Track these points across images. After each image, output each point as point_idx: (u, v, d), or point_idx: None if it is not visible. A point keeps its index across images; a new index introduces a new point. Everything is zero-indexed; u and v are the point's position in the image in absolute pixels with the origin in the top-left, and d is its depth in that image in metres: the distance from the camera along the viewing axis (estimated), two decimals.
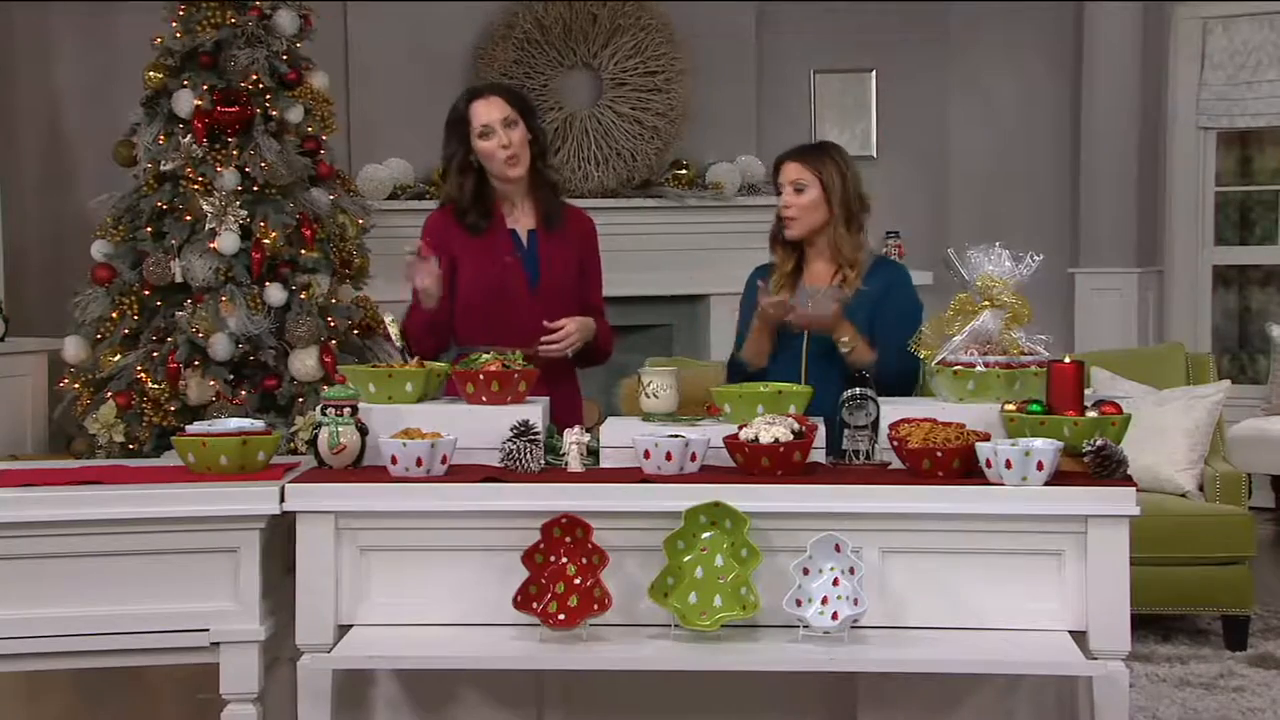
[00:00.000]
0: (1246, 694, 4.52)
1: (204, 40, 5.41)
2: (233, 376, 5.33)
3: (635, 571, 3.05)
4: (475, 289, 3.74)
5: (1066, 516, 2.97)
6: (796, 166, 3.80)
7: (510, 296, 3.74)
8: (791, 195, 3.79)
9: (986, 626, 3.01)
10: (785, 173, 3.82)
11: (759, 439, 3.07)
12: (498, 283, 3.74)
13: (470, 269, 3.75)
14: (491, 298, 3.74)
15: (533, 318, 3.70)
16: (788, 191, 3.80)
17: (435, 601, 3.11)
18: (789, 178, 3.81)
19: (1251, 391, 7.52)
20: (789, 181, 3.81)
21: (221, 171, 5.33)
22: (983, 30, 7.78)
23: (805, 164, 3.80)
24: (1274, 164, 7.86)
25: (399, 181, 6.87)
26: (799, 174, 3.79)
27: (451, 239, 3.77)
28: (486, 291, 3.74)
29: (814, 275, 3.80)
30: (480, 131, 3.71)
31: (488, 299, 3.74)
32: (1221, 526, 5.09)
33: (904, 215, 7.68)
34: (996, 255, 3.41)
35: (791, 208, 3.79)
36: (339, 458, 3.18)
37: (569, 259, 3.82)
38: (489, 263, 3.75)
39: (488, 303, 3.74)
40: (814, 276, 3.80)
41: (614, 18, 7.13)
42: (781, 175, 3.84)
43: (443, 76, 7.08)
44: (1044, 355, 3.29)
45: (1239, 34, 7.66)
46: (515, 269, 3.76)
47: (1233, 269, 8.03)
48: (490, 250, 3.76)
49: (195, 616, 3.09)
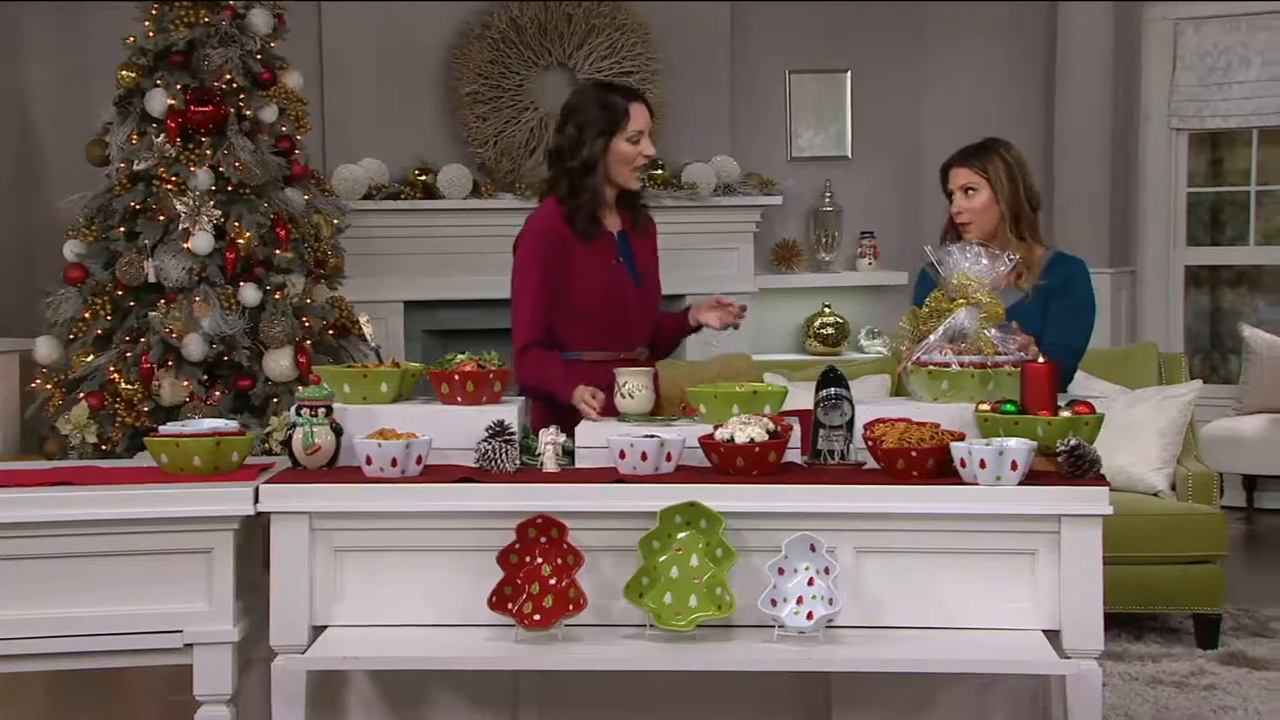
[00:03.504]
0: (1218, 692, 4.54)
1: (177, 39, 5.38)
2: (206, 377, 5.31)
3: (610, 572, 3.05)
4: (592, 296, 3.68)
5: (1040, 516, 2.98)
6: (964, 171, 3.80)
7: (622, 300, 3.71)
8: (963, 200, 3.79)
9: (961, 626, 3.03)
10: (954, 178, 3.82)
11: (734, 439, 3.08)
12: (612, 288, 3.70)
13: (584, 275, 3.66)
14: (607, 303, 3.69)
15: (635, 319, 3.73)
16: (959, 196, 3.80)
17: (410, 602, 3.10)
18: (958, 183, 3.80)
19: (1223, 391, 7.57)
20: (959, 186, 3.80)
21: (195, 171, 5.31)
22: (956, 30, 7.80)
23: (972, 167, 3.79)
24: (1244, 165, 7.91)
25: (374, 181, 6.86)
26: (968, 178, 3.79)
27: (561, 243, 3.67)
28: (603, 298, 3.69)
29: None
30: (633, 135, 3.67)
31: (604, 305, 3.69)
32: (1193, 526, 5.12)
33: (879, 215, 7.71)
34: (972, 253, 3.42)
35: (964, 212, 3.78)
36: (313, 458, 3.17)
37: (651, 258, 3.83)
38: (601, 268, 3.69)
39: (603, 308, 3.69)
40: None
41: (589, 18, 7.13)
42: (950, 181, 3.83)
43: (417, 76, 7.08)
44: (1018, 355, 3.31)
45: (1209, 35, 7.71)
46: (623, 272, 3.73)
47: (1205, 269, 8.08)
48: (599, 255, 3.70)
49: (168, 618, 3.08)
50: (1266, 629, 5.25)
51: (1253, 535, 7.15)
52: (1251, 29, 7.63)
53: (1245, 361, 7.47)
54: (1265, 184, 7.89)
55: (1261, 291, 8.17)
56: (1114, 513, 2.99)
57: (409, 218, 6.91)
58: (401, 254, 6.85)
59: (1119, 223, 7.72)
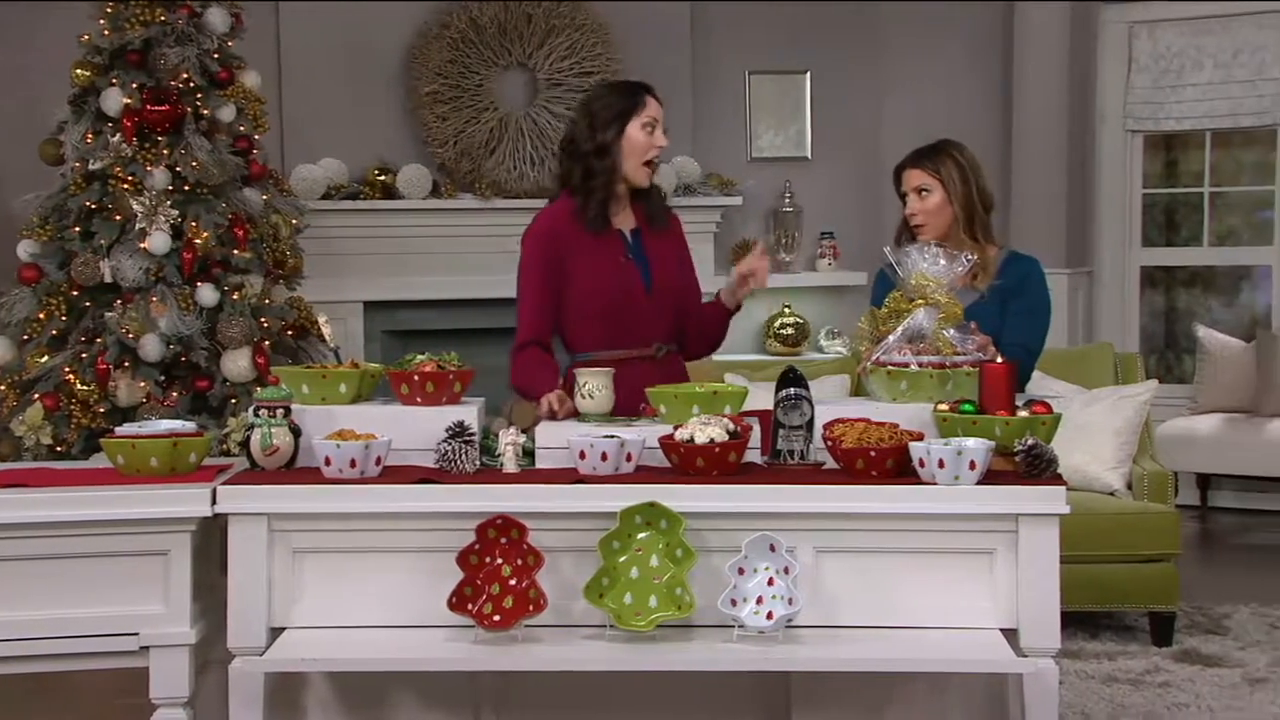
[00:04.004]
0: (1172, 689, 4.59)
1: (133, 38, 5.34)
2: (164, 378, 5.27)
3: (570, 572, 3.05)
4: (595, 294, 3.66)
5: (998, 515, 3.00)
6: (917, 173, 3.80)
7: (629, 299, 3.68)
8: (917, 201, 3.79)
9: (919, 625, 3.04)
10: (907, 180, 3.82)
11: (694, 439, 3.08)
12: (617, 286, 3.68)
13: (587, 273, 3.66)
14: (612, 302, 3.67)
15: (649, 319, 3.70)
16: (912, 198, 3.80)
17: (369, 603, 3.09)
18: (911, 184, 3.80)
19: (1178, 391, 7.65)
20: (912, 188, 3.80)
21: (151, 171, 5.27)
22: (915, 31, 7.84)
23: (925, 168, 3.79)
24: (1198, 167, 7.99)
25: (333, 181, 6.83)
26: (921, 179, 3.79)
27: (563, 244, 3.67)
28: (607, 296, 3.67)
29: None
30: (647, 123, 3.67)
31: (608, 303, 3.67)
32: (1148, 525, 5.17)
33: (838, 216, 7.73)
34: (931, 254, 3.44)
35: (918, 214, 3.78)
36: (272, 459, 3.15)
37: (672, 256, 3.80)
38: (607, 267, 3.67)
39: (608, 307, 3.67)
40: None
41: (549, 18, 7.13)
42: (904, 183, 3.83)
43: (376, 76, 7.05)
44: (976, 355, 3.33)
45: (1163, 39, 7.79)
46: (631, 270, 3.70)
47: (1160, 270, 8.16)
48: (604, 252, 3.68)
49: (124, 620, 3.05)
50: (1219, 626, 5.31)
51: (1206, 534, 7.22)
52: (1204, 33, 7.71)
53: (1199, 361, 7.55)
54: (1218, 186, 7.97)
55: (1215, 292, 8.25)
56: (1070, 512, 3.01)
57: (368, 218, 6.88)
58: (361, 254, 6.82)
59: (1076, 223, 7.78)
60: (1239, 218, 8.09)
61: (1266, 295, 7.82)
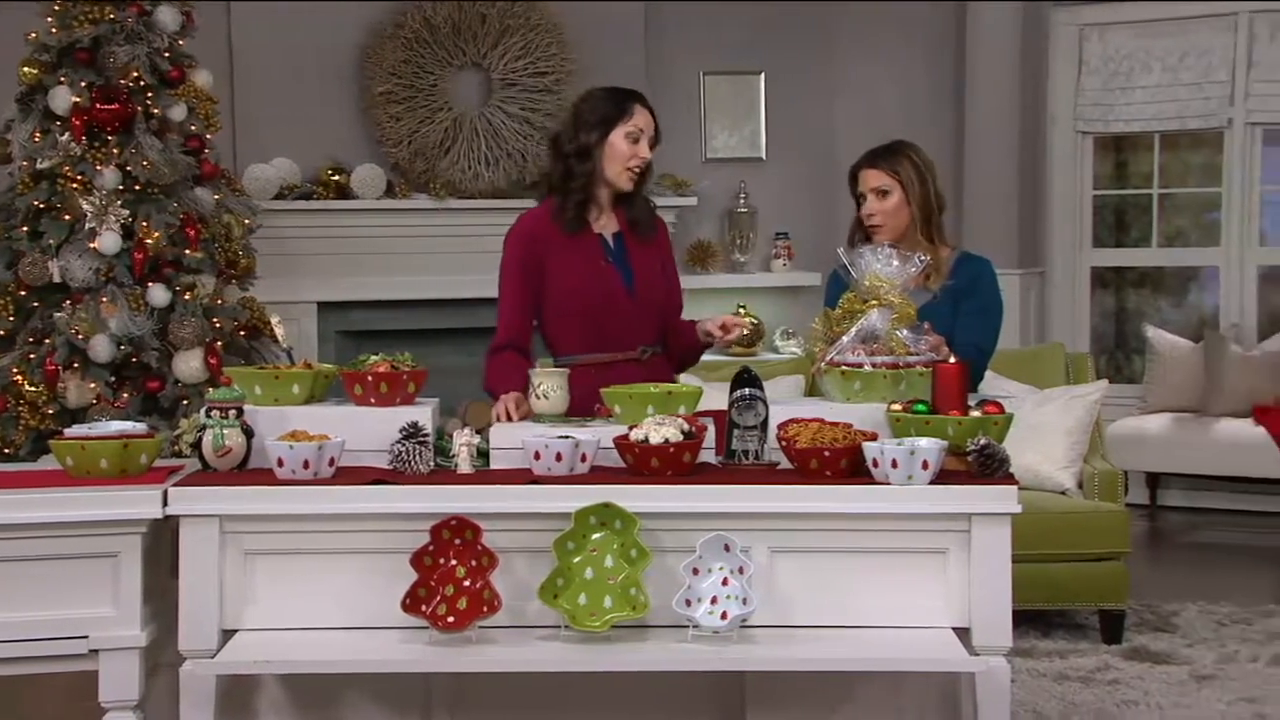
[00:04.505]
0: (1122, 686, 4.63)
1: (81, 36, 5.29)
2: (114, 379, 5.23)
3: (525, 573, 3.05)
4: (574, 295, 3.66)
5: (951, 515, 3.02)
6: (876, 173, 3.79)
7: (609, 302, 3.68)
8: (876, 202, 3.78)
9: (873, 624, 3.06)
10: (865, 180, 3.81)
11: (649, 440, 3.08)
12: (597, 288, 3.67)
13: (565, 274, 3.66)
14: (592, 303, 3.67)
15: (630, 323, 3.69)
16: (871, 199, 3.79)
17: (322, 605, 3.08)
18: (870, 185, 3.79)
19: (1128, 391, 7.72)
20: (870, 189, 3.79)
21: (101, 170, 5.23)
22: (868, 32, 7.88)
23: (883, 169, 3.79)
24: (1147, 168, 8.07)
25: (286, 181, 6.79)
26: (880, 179, 3.78)
27: (541, 246, 3.67)
28: (586, 297, 3.66)
29: None
30: (632, 132, 3.66)
31: (588, 305, 3.67)
32: (1098, 524, 5.21)
33: (793, 216, 7.76)
34: (884, 255, 3.46)
35: (877, 214, 3.77)
36: (224, 460, 3.13)
37: (655, 263, 3.78)
38: (585, 270, 3.67)
39: (588, 308, 3.67)
40: None
41: (503, 18, 7.11)
42: (861, 183, 3.82)
43: (329, 76, 7.01)
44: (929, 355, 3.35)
45: (1113, 41, 7.87)
46: (612, 273, 3.70)
47: (1110, 270, 8.24)
48: (583, 255, 3.68)
49: (74, 623, 3.03)
50: (1168, 624, 5.36)
51: (1155, 532, 7.29)
52: (1153, 35, 7.79)
53: (1149, 362, 7.63)
54: (1166, 187, 8.05)
55: (1164, 293, 8.34)
56: (1022, 511, 3.03)
57: (322, 218, 6.84)
58: (314, 254, 6.78)
59: (1028, 224, 7.84)
60: (1187, 219, 8.18)
61: (1214, 296, 7.91)
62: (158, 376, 5.27)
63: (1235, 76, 7.62)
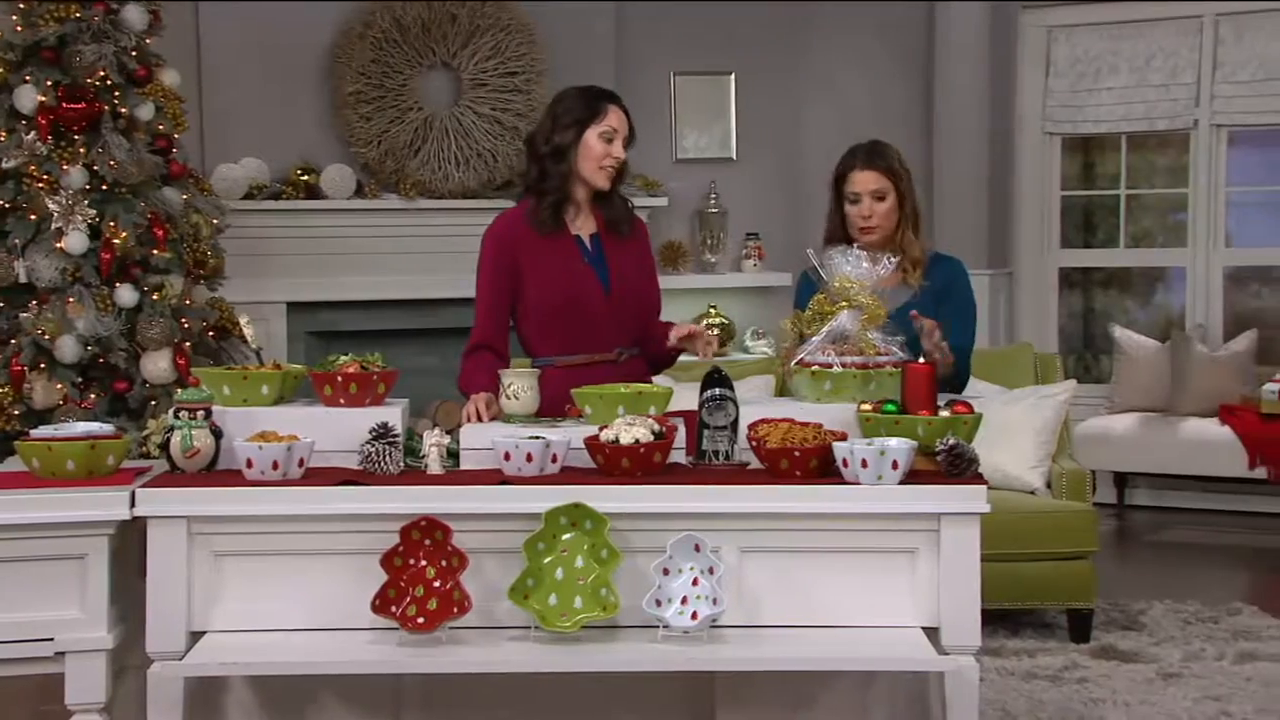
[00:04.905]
0: (1089, 685, 4.65)
1: (47, 35, 5.26)
2: (81, 379, 5.20)
3: (495, 574, 3.04)
4: (549, 296, 3.66)
5: (920, 515, 3.03)
6: (873, 175, 3.71)
7: (586, 302, 3.67)
8: (872, 204, 3.70)
9: (842, 624, 3.06)
10: (860, 182, 3.71)
11: (619, 440, 3.08)
12: (572, 288, 3.66)
13: (541, 277, 3.66)
14: (567, 304, 3.65)
15: (607, 324, 3.68)
16: (866, 201, 3.70)
17: (292, 606, 3.06)
18: (868, 187, 3.70)
19: (1096, 391, 7.77)
20: (868, 191, 3.70)
21: (68, 170, 5.20)
22: (838, 32, 7.90)
23: (879, 170, 3.71)
24: (1114, 169, 8.12)
25: (254, 181, 6.76)
26: (878, 182, 3.70)
27: (517, 246, 3.66)
28: (561, 298, 3.65)
29: None
30: (605, 133, 3.65)
31: (563, 305, 3.65)
32: (1066, 523, 5.24)
33: (763, 217, 7.78)
34: (854, 257, 3.47)
35: (874, 217, 3.69)
36: (192, 461, 3.12)
37: (633, 263, 3.77)
38: (561, 270, 3.66)
39: (563, 309, 3.66)
40: None
41: (473, 18, 7.10)
42: (855, 185, 3.72)
43: (299, 75, 6.99)
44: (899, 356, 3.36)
45: (1080, 43, 7.91)
46: (588, 274, 3.69)
47: (1077, 271, 8.29)
48: (559, 256, 3.67)
49: (40, 626, 3.00)
50: (1136, 622, 5.39)
51: (1123, 531, 7.34)
52: (1120, 37, 7.84)
53: (1116, 362, 7.68)
54: (1134, 188, 8.11)
55: (1131, 293, 8.40)
56: (991, 511, 3.04)
57: (291, 218, 6.82)
58: (284, 254, 6.76)
59: (997, 225, 7.88)
60: (1154, 220, 8.23)
61: (1181, 296, 7.97)
62: (125, 377, 5.25)
63: (1201, 78, 7.67)
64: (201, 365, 5.15)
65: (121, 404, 5.25)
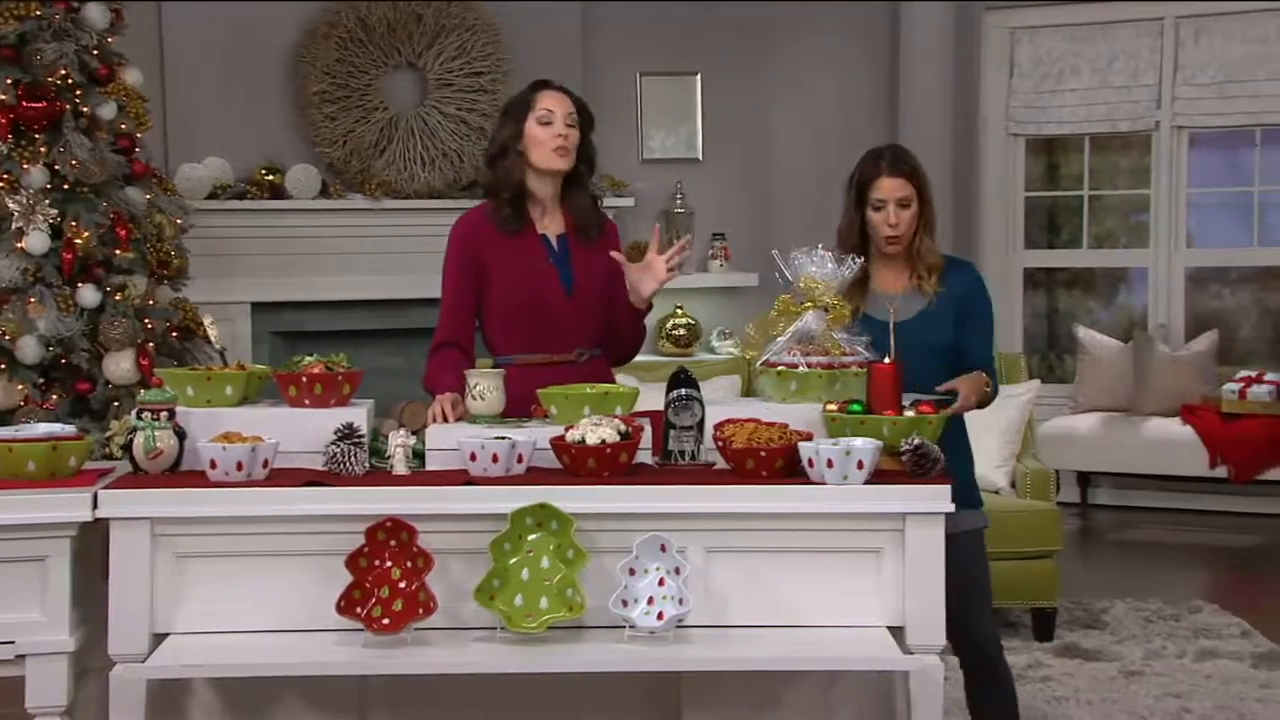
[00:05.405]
0: (1053, 683, 4.68)
1: (6, 33, 5.22)
2: (42, 380, 5.16)
3: (461, 574, 3.04)
4: (510, 295, 3.64)
5: (885, 514, 3.04)
6: (900, 182, 3.60)
7: (547, 303, 3.65)
8: (898, 212, 3.59)
9: (808, 624, 3.07)
10: (886, 189, 3.60)
11: (585, 440, 3.08)
12: (534, 290, 3.65)
13: (504, 276, 3.64)
14: (528, 304, 3.64)
15: (567, 324, 3.66)
16: (892, 208, 3.59)
17: (256, 608, 3.05)
18: (894, 195, 3.59)
19: (1059, 391, 7.82)
20: (894, 199, 3.59)
21: (29, 169, 5.15)
22: (803, 32, 7.92)
23: (905, 176, 3.62)
24: (1077, 170, 8.18)
25: (218, 180, 6.72)
26: (905, 189, 3.60)
27: (481, 244, 3.66)
28: (523, 297, 3.64)
29: (885, 282, 3.64)
30: (541, 116, 3.63)
31: (524, 305, 3.64)
32: (1030, 522, 5.27)
33: (729, 217, 7.78)
34: (819, 257, 3.47)
35: (900, 225, 3.60)
36: (155, 463, 3.10)
37: (600, 264, 3.73)
38: (523, 269, 3.65)
39: (524, 309, 3.64)
40: (886, 283, 3.64)
41: (439, 18, 7.09)
42: (882, 191, 3.60)
43: (263, 75, 6.95)
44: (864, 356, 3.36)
45: (1043, 44, 7.97)
46: (551, 275, 3.67)
47: (1041, 271, 8.34)
48: (522, 255, 3.66)
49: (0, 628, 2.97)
50: (1098, 621, 5.43)
51: (1086, 530, 7.39)
52: (1082, 39, 7.90)
53: (1079, 362, 7.73)
54: (1096, 189, 8.16)
55: (1094, 294, 8.46)
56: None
57: (256, 218, 6.78)
58: (248, 255, 6.72)
59: (961, 225, 7.91)
60: (1116, 220, 8.30)
61: (1143, 297, 8.03)
62: (88, 378, 5.21)
63: (1162, 80, 7.74)
64: (165, 366, 5.11)
65: (84, 405, 5.21)
